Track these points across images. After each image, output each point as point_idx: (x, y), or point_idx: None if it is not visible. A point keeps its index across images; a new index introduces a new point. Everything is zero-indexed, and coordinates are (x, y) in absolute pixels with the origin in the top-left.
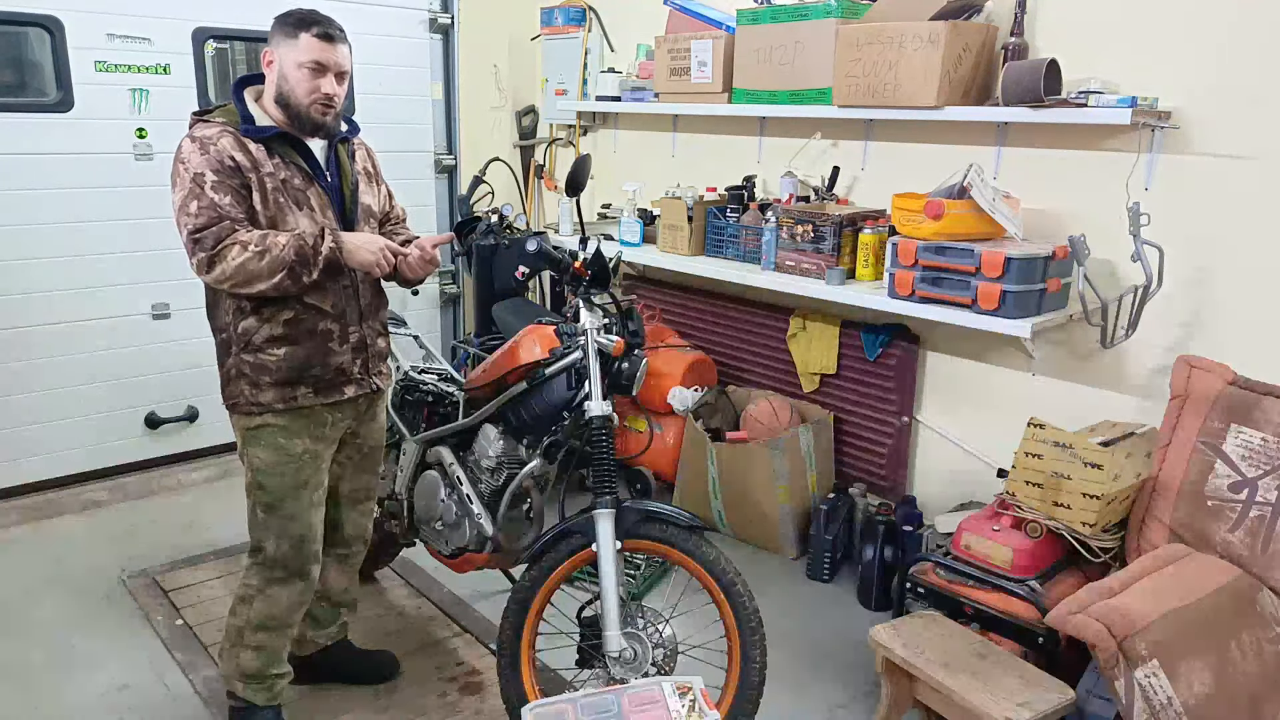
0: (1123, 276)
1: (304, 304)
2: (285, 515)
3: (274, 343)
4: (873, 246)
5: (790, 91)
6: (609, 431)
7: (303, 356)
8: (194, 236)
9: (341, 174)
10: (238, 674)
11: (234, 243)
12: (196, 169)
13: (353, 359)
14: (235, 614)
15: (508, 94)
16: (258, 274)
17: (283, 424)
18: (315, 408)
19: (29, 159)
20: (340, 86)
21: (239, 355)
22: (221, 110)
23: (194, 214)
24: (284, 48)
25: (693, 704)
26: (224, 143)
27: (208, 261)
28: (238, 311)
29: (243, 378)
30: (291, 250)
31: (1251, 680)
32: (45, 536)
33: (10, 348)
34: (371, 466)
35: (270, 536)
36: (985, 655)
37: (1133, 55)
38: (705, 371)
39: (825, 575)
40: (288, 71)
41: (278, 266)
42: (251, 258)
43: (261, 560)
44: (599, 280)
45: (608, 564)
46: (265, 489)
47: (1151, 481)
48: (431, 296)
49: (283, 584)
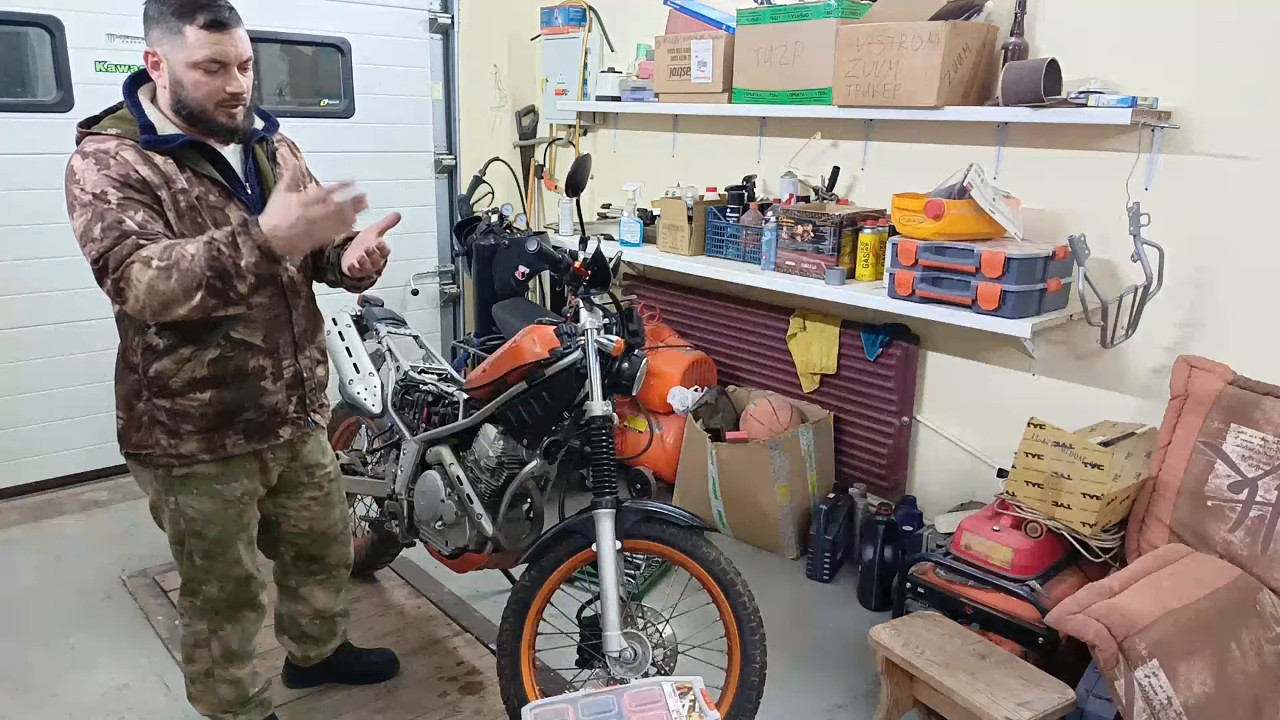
0: (1123, 276)
1: (230, 340)
2: (229, 560)
3: (196, 386)
4: (873, 246)
5: (790, 91)
6: (609, 431)
7: (230, 400)
8: (100, 262)
9: (263, 182)
10: (219, 708)
11: (135, 260)
12: (94, 188)
13: (287, 397)
14: (194, 660)
15: (508, 94)
16: (171, 296)
17: (214, 470)
18: (243, 455)
19: (29, 159)
20: (246, 78)
21: (152, 400)
22: (113, 119)
23: (97, 238)
24: (168, 45)
25: (693, 704)
26: (125, 155)
27: (114, 290)
28: (148, 351)
29: (158, 426)
30: (203, 261)
31: (1251, 680)
32: (45, 536)
33: (10, 348)
34: (339, 498)
35: (212, 580)
36: (985, 655)
37: (1133, 55)
38: (705, 371)
39: (825, 575)
40: (180, 75)
41: (192, 284)
42: (157, 276)
43: (201, 603)
44: (599, 280)
45: (608, 564)
46: (203, 537)
47: (1151, 481)
48: (431, 296)
49: (233, 620)
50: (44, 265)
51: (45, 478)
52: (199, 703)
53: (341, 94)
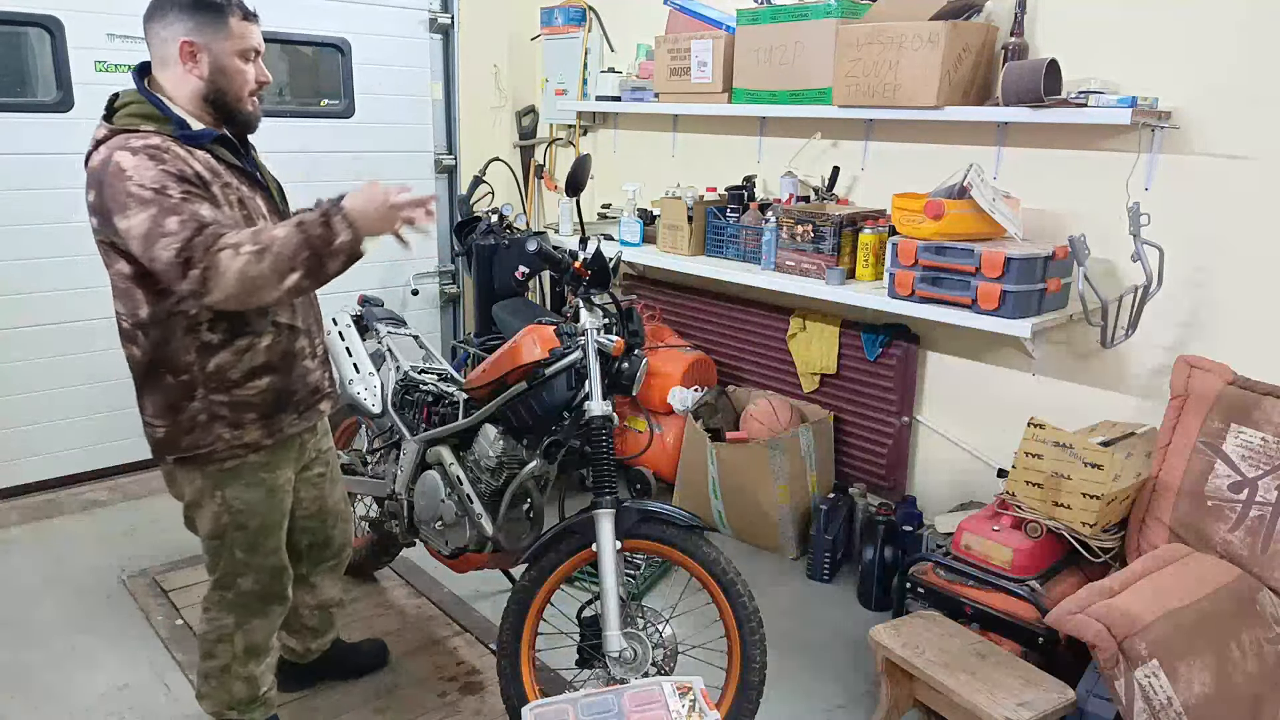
0: (1123, 276)
1: (278, 325)
2: (268, 550)
3: (254, 374)
4: (873, 246)
5: (790, 91)
6: (609, 431)
7: (282, 383)
8: (183, 255)
9: (261, 172)
10: (229, 705)
11: (221, 248)
12: (154, 183)
13: (322, 374)
14: (214, 656)
15: (508, 94)
16: (263, 280)
17: (263, 459)
18: (296, 434)
19: (29, 159)
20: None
21: (209, 397)
22: (136, 116)
23: (174, 231)
24: (210, 35)
25: (693, 704)
26: (176, 150)
27: (198, 281)
28: (204, 349)
29: (217, 421)
30: (295, 242)
31: (1251, 680)
32: (45, 536)
33: (10, 348)
34: (339, 474)
35: (249, 573)
36: (985, 655)
37: (1133, 55)
38: (705, 371)
39: (825, 575)
40: (225, 64)
41: (285, 266)
42: (250, 261)
43: (234, 597)
44: (599, 280)
45: (608, 564)
46: (247, 528)
47: (1151, 481)
48: (431, 296)
49: (261, 615)
50: (44, 265)
51: (45, 478)
52: (207, 699)
53: (341, 94)
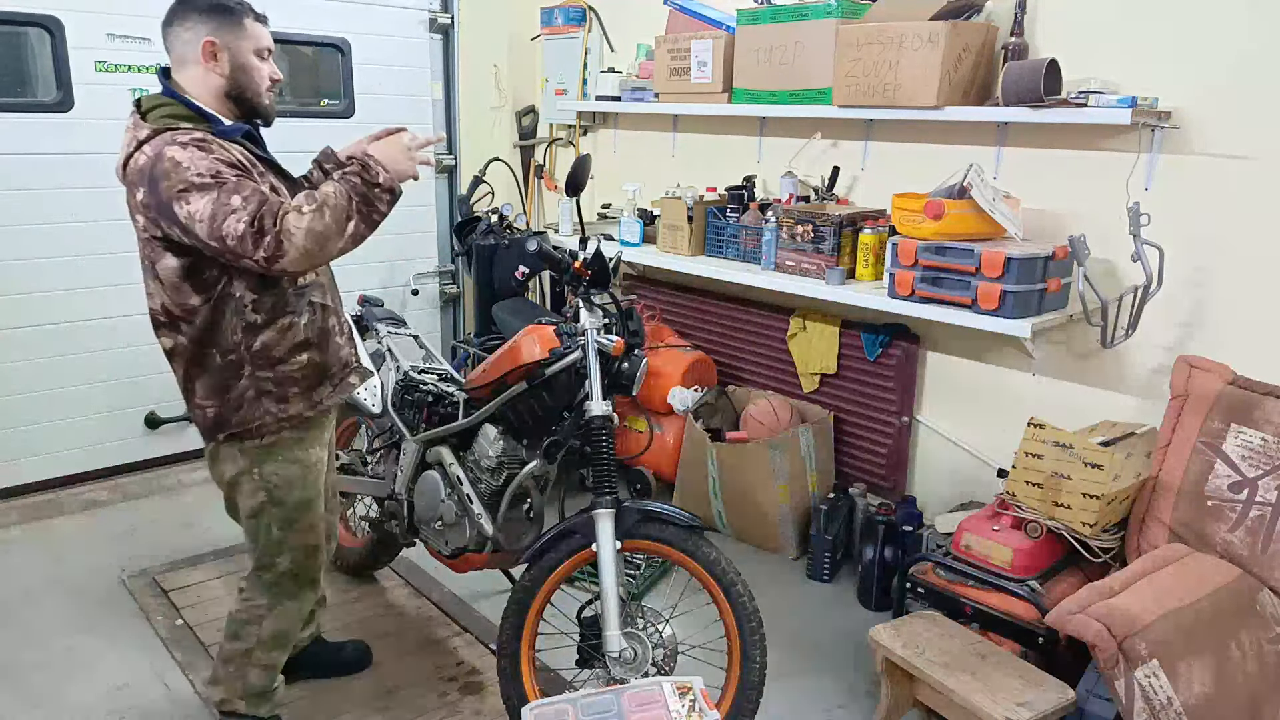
0: (1123, 276)
1: (313, 304)
2: (303, 528)
3: (295, 350)
4: (873, 246)
5: (790, 91)
6: (609, 431)
7: (319, 359)
8: (255, 224)
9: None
10: (240, 694)
11: (287, 212)
12: (209, 170)
13: (350, 349)
14: (241, 637)
15: (508, 94)
16: (328, 232)
17: (298, 435)
18: (329, 409)
19: (29, 159)
20: None
21: (255, 374)
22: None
23: (241, 206)
24: (231, 35)
25: (693, 704)
26: (220, 143)
27: (274, 245)
28: (250, 329)
29: (265, 396)
30: (345, 193)
31: (1251, 680)
32: (45, 536)
33: (10, 348)
34: (334, 464)
35: (285, 552)
36: (985, 655)
37: (1133, 55)
38: (705, 371)
39: (825, 575)
40: (245, 61)
41: (343, 215)
42: (313, 217)
43: (271, 578)
44: (599, 280)
45: (608, 564)
46: (283, 505)
47: (1151, 481)
48: (431, 296)
49: (294, 598)
50: (44, 265)
51: (45, 478)
52: (220, 686)
53: (341, 94)
